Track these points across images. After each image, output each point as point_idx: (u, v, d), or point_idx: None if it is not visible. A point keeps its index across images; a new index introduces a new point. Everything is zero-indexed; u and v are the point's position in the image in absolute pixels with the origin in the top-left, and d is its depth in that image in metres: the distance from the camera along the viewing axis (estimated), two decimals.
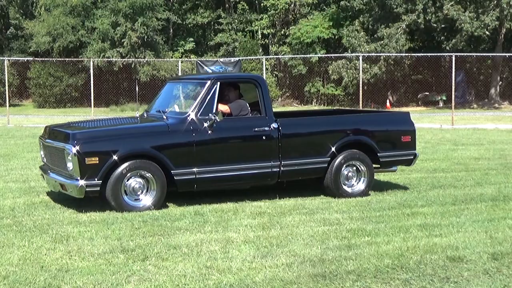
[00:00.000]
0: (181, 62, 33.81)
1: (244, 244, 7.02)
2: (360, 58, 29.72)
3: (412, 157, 10.58)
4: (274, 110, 10.03)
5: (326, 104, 44.92)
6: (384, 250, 6.79)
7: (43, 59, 40.64)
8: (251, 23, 48.63)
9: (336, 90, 44.01)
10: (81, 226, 7.80)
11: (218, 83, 9.46)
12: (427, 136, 20.21)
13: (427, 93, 43.36)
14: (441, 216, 8.47)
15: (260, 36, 48.66)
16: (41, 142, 9.87)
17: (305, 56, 41.74)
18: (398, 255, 6.56)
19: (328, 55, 41.39)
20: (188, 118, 9.20)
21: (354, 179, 10.10)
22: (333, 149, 9.84)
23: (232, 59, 31.26)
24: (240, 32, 47.93)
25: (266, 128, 9.52)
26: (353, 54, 37.41)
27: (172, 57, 45.35)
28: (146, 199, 8.88)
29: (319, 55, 41.98)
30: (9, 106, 28.61)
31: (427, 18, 39.13)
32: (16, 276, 5.89)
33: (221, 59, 31.62)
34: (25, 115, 34.16)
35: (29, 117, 32.30)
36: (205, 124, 9.14)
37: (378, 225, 7.93)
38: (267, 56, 40.89)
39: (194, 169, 9.04)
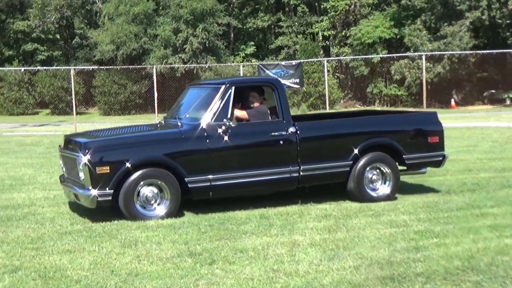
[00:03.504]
0: (243, 67, 33.97)
1: (310, 247, 7.01)
2: (423, 57, 29.35)
3: (441, 159, 10.20)
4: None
5: (389, 105, 44.41)
6: (454, 251, 6.68)
7: (107, 67, 41.39)
8: (311, 26, 48.49)
9: (399, 90, 43.47)
10: (148, 231, 7.91)
11: (233, 87, 9.29)
12: (494, 135, 19.76)
13: (493, 91, 42.40)
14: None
15: (320, 38, 48.46)
16: (59, 152, 9.84)
17: (367, 56, 41.35)
18: (468, 257, 6.45)
19: (390, 55, 40.90)
20: (201, 124, 9.04)
21: (379, 182, 9.80)
22: (355, 152, 9.56)
23: (294, 62, 31.27)
24: (301, 35, 47.81)
25: (283, 133, 9.29)
26: (416, 54, 36.94)
27: (233, 62, 45.56)
28: (160, 208, 8.77)
29: (381, 55, 41.54)
30: (76, 114, 29.26)
31: (491, 14, 38.33)
32: (87, 280, 6.02)
33: (283, 63, 31.65)
34: (91, 122, 34.81)
35: (95, 124, 32.85)
36: (220, 130, 8.98)
37: (447, 226, 7.81)
38: (328, 58, 40.73)
39: (209, 176, 8.89)
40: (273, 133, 9.28)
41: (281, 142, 9.27)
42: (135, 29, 43.67)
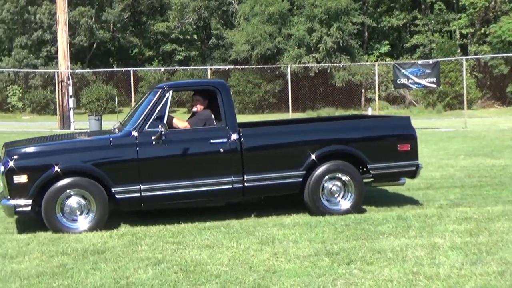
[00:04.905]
0: (377, 66, 33.56)
1: (451, 250, 6.80)
2: None
3: (413, 169, 9.17)
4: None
5: None
6: None
7: (242, 66, 42.14)
8: (448, 23, 47.26)
9: None
10: (285, 229, 7.97)
11: (170, 92, 8.72)
12: None
13: None
14: None
15: (458, 36, 47.15)
16: None
17: (508, 55, 39.75)
18: None
19: None
20: (133, 130, 8.48)
21: (341, 194, 8.90)
22: (308, 161, 8.73)
23: (430, 61, 30.50)
24: (437, 33, 46.70)
25: (225, 140, 8.61)
26: None
27: (367, 61, 45.17)
28: (84, 221, 8.26)
29: None
30: None
31: None
32: (226, 275, 6.13)
33: (419, 62, 30.96)
34: None
35: None
36: (152, 137, 8.42)
37: None
38: (466, 57, 39.46)
39: (139, 187, 8.35)
40: (213, 140, 8.62)
41: (221, 150, 8.59)
42: (270, 29, 44.18)
